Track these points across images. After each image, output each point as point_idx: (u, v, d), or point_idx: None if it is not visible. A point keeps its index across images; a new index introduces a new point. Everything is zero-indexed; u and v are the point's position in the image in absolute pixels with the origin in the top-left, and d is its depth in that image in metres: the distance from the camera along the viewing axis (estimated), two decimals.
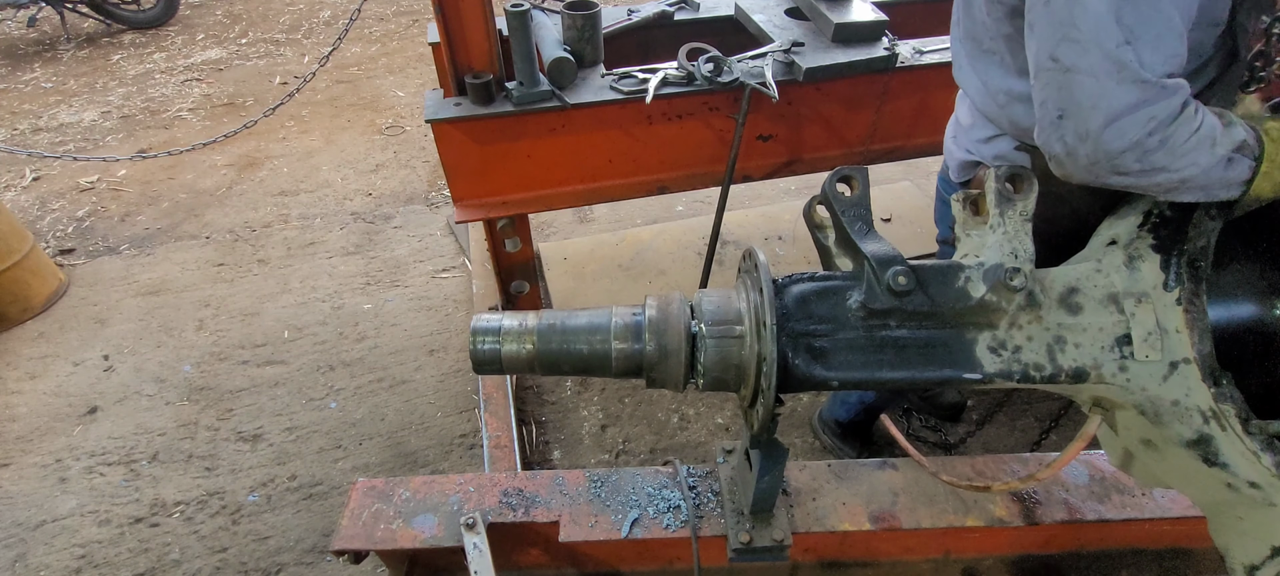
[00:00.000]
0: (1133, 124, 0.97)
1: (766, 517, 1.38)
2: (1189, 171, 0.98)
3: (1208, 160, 0.97)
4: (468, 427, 2.61)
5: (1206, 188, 1.00)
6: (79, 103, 5.15)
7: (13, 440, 2.62)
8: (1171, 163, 0.98)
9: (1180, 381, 0.96)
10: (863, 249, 1.00)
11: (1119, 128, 0.97)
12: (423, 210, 3.86)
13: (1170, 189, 1.02)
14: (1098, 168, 1.02)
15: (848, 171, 1.05)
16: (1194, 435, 0.97)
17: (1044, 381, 1.00)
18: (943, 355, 1.00)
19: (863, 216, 1.04)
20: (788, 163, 2.48)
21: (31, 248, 3.15)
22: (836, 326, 1.02)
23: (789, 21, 2.46)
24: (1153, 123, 0.96)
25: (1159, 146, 0.97)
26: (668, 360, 1.04)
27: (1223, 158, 0.98)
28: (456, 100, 2.12)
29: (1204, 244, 0.98)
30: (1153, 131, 0.96)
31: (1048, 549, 1.60)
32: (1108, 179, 1.03)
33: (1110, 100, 0.97)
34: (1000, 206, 1.01)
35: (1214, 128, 0.99)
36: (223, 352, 2.96)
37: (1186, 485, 1.07)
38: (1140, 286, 1.00)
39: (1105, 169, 1.02)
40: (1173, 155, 0.97)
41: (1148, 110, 0.96)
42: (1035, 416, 2.58)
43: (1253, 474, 0.94)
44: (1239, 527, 1.02)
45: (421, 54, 5.73)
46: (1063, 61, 1.02)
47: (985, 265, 1.00)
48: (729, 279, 3.08)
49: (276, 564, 2.20)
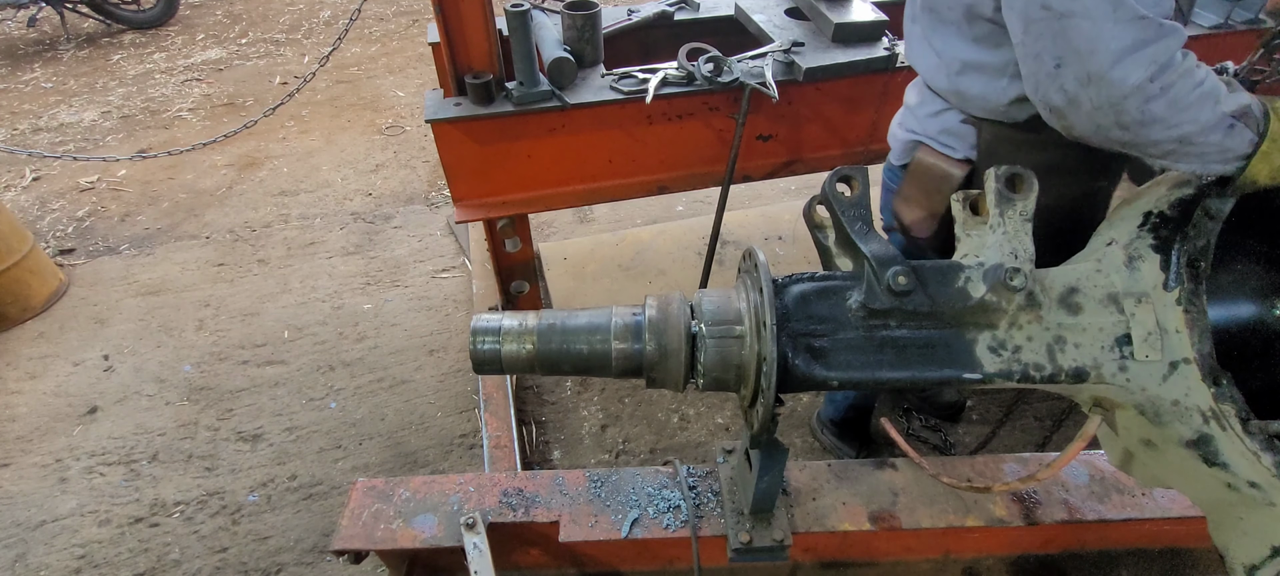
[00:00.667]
0: (1135, 64, 0.95)
1: (766, 517, 1.38)
2: (1188, 128, 0.96)
3: (1209, 118, 0.96)
4: (468, 427, 2.61)
5: (1204, 154, 0.99)
6: (79, 103, 5.15)
7: (13, 440, 2.62)
8: (1172, 115, 0.96)
9: (1180, 381, 0.96)
10: (863, 248, 1.00)
11: (1121, 68, 0.95)
12: (423, 210, 3.86)
13: (1168, 150, 1.00)
14: (1100, 115, 1.00)
15: (847, 171, 1.05)
16: (1194, 435, 0.97)
17: (1044, 381, 1.01)
18: (943, 355, 1.01)
19: (863, 216, 1.04)
20: (788, 163, 2.48)
21: (31, 248, 3.15)
22: (836, 326, 1.02)
23: (789, 21, 2.46)
24: (1154, 66, 0.95)
25: (1160, 93, 0.95)
26: (668, 360, 1.04)
27: (1224, 119, 0.96)
28: (456, 100, 2.12)
29: (1204, 244, 0.98)
30: (1155, 75, 0.95)
31: (1048, 549, 1.60)
32: (1110, 131, 1.02)
33: (1109, 40, 0.96)
34: (1000, 207, 1.01)
35: (1217, 87, 0.97)
36: (223, 352, 2.96)
37: (1186, 485, 1.07)
38: (1140, 286, 1.00)
39: (1109, 117, 0.99)
40: (1174, 107, 0.96)
41: (1149, 50, 0.95)
42: (1035, 416, 2.58)
43: (1252, 474, 0.94)
44: (1239, 527, 1.02)
45: (421, 54, 5.73)
46: (1056, 8, 1.00)
47: (985, 265, 1.00)
48: (729, 279, 3.08)
49: (276, 564, 2.20)
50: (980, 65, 1.32)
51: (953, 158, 1.45)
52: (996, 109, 1.34)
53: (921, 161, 1.50)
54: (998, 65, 1.29)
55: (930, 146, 1.49)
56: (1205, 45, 2.54)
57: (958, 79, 1.37)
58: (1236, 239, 1.12)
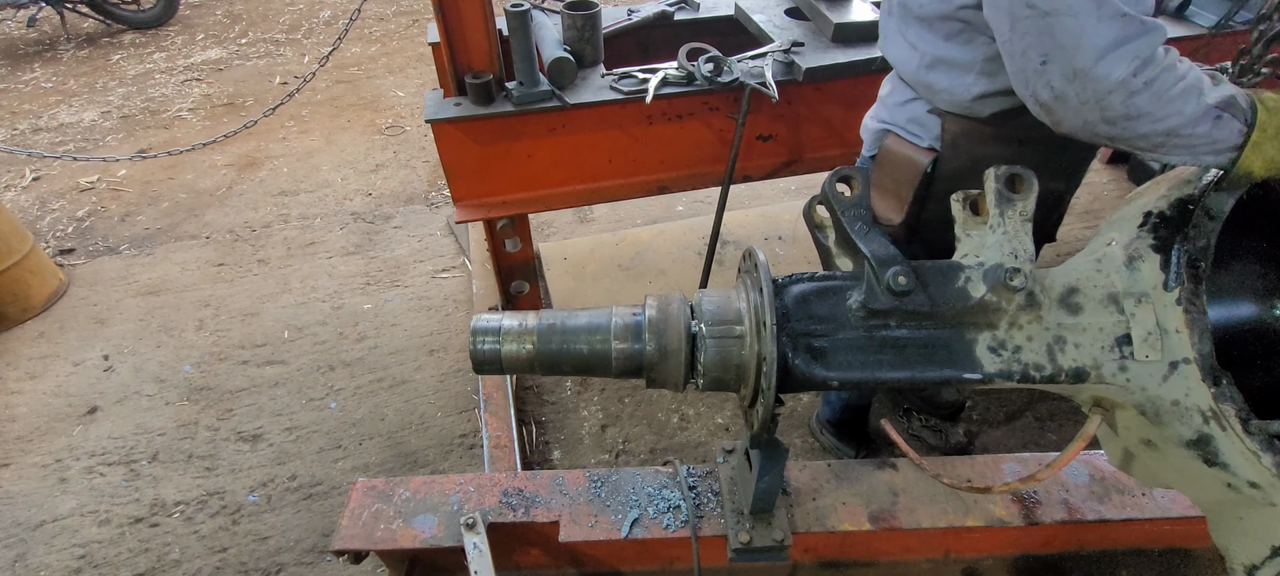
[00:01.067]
0: (1118, 60, 0.98)
1: (766, 517, 1.38)
2: (1174, 121, 0.99)
3: (1194, 110, 0.98)
4: (468, 427, 2.61)
5: (1193, 147, 1.00)
6: (79, 103, 5.15)
7: (13, 440, 2.62)
8: (1157, 109, 0.99)
9: (1180, 381, 0.96)
10: (863, 248, 1.00)
11: (1105, 64, 0.98)
12: (423, 210, 3.86)
13: (1157, 144, 1.02)
14: (1087, 110, 1.03)
15: (847, 172, 1.05)
16: (1194, 435, 0.97)
17: (1044, 381, 1.01)
18: (943, 355, 1.01)
19: (863, 216, 1.04)
20: (788, 163, 2.48)
21: (31, 248, 3.15)
22: (836, 326, 1.02)
23: (789, 21, 2.46)
24: (1137, 61, 0.97)
25: (1144, 88, 0.98)
26: (668, 360, 1.04)
27: (1209, 110, 0.98)
28: (456, 100, 2.12)
29: (1204, 244, 0.97)
30: (1137, 71, 0.97)
31: (1048, 549, 1.60)
32: (1097, 127, 1.04)
33: (1093, 36, 0.98)
34: (1000, 207, 1.01)
35: (1201, 79, 0.99)
36: (223, 352, 2.96)
37: (1186, 485, 1.07)
38: (1140, 286, 1.00)
39: (1094, 113, 1.02)
40: (1159, 101, 0.98)
41: (1131, 46, 0.97)
42: (1034, 416, 2.58)
43: (1253, 474, 0.94)
44: (1239, 527, 1.02)
45: (421, 54, 5.73)
46: (1040, 6, 1.02)
47: (985, 265, 1.00)
48: (729, 279, 3.08)
49: (276, 564, 2.20)
50: (950, 60, 1.35)
51: (919, 146, 1.49)
52: (962, 103, 1.38)
53: (889, 149, 1.54)
54: (966, 61, 1.33)
55: (898, 135, 1.53)
56: (1205, 45, 2.54)
57: (927, 72, 1.41)
58: (1236, 238, 1.12)
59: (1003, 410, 2.59)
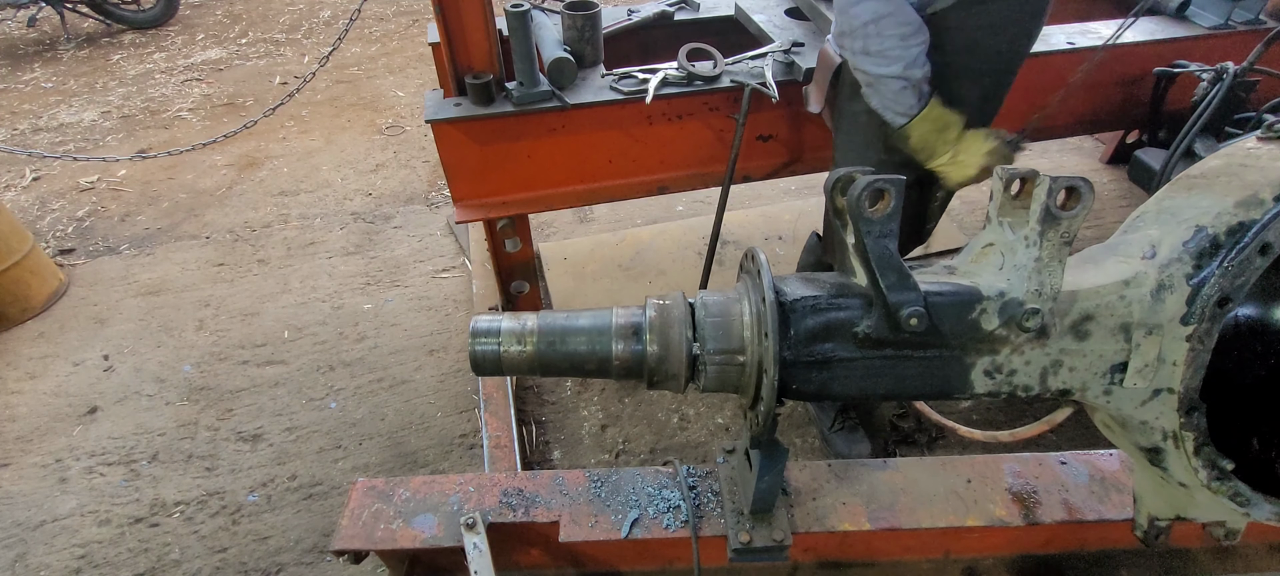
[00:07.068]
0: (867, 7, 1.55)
1: (766, 517, 1.38)
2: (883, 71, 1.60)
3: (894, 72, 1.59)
4: (468, 427, 2.61)
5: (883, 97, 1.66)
6: (79, 103, 5.15)
7: (13, 440, 2.62)
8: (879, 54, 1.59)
9: (1157, 406, 0.95)
10: (881, 283, 0.93)
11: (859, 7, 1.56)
12: (423, 210, 3.86)
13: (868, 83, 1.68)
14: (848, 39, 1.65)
15: (882, 184, 0.89)
16: (1150, 445, 0.99)
17: (1027, 397, 1.01)
18: (938, 377, 0.99)
19: (890, 232, 0.93)
20: (788, 163, 2.48)
21: (31, 248, 3.15)
22: (839, 348, 1.00)
23: (789, 21, 2.46)
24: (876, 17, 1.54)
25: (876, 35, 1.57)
26: (669, 362, 1.04)
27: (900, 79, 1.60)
28: (456, 100, 2.12)
29: (1243, 283, 0.88)
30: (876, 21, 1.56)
31: (1048, 549, 1.60)
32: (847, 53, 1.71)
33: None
34: (1042, 222, 0.88)
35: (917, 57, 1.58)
36: (223, 352, 2.96)
37: (1125, 448, 1.09)
38: (1157, 318, 0.93)
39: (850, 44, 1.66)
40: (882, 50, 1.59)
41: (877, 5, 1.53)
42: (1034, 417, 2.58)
43: (1187, 479, 0.98)
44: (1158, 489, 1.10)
45: (421, 54, 5.73)
46: None
47: (1005, 297, 0.94)
48: (729, 279, 3.08)
49: (276, 564, 2.20)
50: None
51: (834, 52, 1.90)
52: None
53: (823, 52, 1.98)
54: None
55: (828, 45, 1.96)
56: (1205, 45, 2.54)
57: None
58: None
59: (1003, 415, 2.59)
